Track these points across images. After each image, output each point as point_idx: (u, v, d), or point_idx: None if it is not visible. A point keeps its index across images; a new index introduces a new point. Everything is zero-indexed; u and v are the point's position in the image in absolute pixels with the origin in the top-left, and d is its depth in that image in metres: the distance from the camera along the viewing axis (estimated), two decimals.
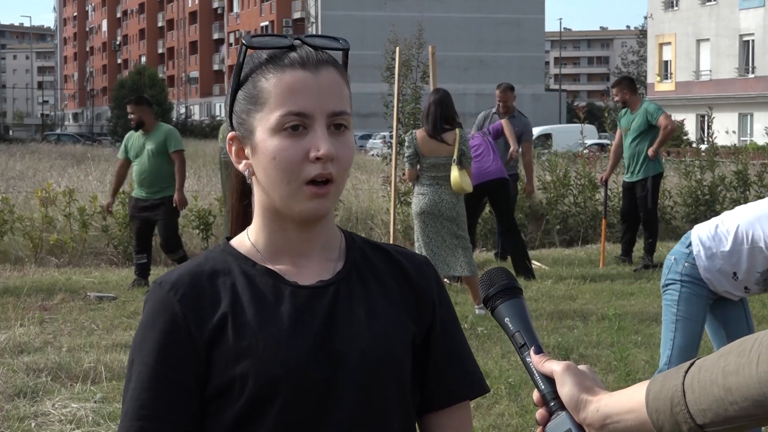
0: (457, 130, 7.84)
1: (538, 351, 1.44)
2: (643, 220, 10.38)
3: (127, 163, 9.68)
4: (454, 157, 7.73)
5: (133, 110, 9.60)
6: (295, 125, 1.46)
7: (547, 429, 1.41)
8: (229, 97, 1.54)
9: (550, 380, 1.41)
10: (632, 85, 10.27)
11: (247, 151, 1.51)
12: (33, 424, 5.17)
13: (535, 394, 1.44)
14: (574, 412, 1.38)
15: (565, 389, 1.38)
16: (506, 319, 1.47)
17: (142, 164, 9.43)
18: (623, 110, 10.25)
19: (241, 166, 1.53)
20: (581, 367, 1.42)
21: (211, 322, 1.46)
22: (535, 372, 1.43)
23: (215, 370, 1.45)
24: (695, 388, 1.27)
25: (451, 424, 1.60)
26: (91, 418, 5.21)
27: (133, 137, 9.64)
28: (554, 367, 1.41)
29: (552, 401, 1.41)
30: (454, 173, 7.72)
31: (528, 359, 1.45)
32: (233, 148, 1.53)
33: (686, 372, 1.30)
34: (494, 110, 10.77)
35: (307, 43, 1.50)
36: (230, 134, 1.53)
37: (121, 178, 9.97)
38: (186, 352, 1.45)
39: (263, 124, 1.48)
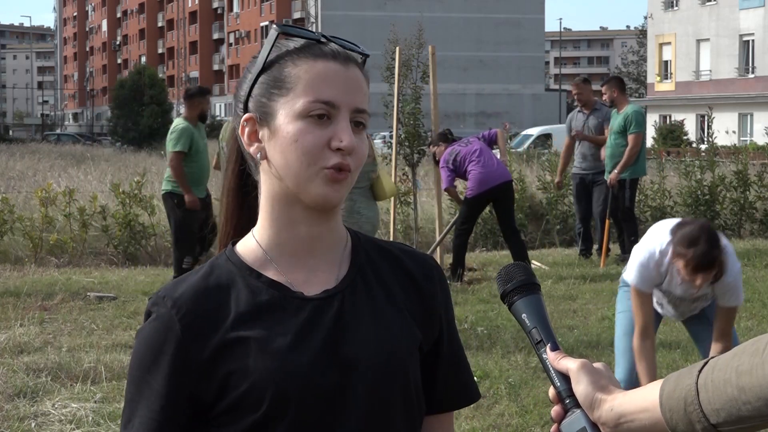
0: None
1: (555, 348, 1.44)
2: (620, 218, 10.50)
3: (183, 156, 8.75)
4: (376, 163, 7.35)
5: (207, 102, 9.10)
6: (321, 113, 1.47)
7: (562, 426, 1.41)
8: (249, 80, 1.53)
9: (565, 377, 1.42)
10: (621, 84, 10.48)
11: (262, 133, 1.51)
12: (33, 424, 5.17)
13: (551, 391, 1.44)
14: (588, 411, 1.38)
15: (580, 387, 1.39)
16: (523, 315, 1.48)
17: (204, 160, 8.94)
18: (614, 110, 10.43)
19: (252, 149, 1.52)
20: (597, 365, 1.42)
21: (213, 341, 1.46)
22: (550, 369, 1.44)
23: (222, 387, 1.45)
24: (709, 388, 1.28)
25: (443, 428, 1.63)
26: (91, 418, 5.21)
27: (193, 131, 8.85)
28: (570, 364, 1.41)
29: (567, 399, 1.41)
30: (389, 182, 7.35)
31: (544, 356, 1.45)
32: (246, 130, 1.52)
33: (700, 371, 1.30)
34: (577, 109, 10.80)
35: (332, 41, 1.52)
36: (246, 116, 1.52)
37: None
38: (187, 374, 1.45)
39: (287, 108, 1.48)
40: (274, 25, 1.52)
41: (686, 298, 4.43)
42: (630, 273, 4.34)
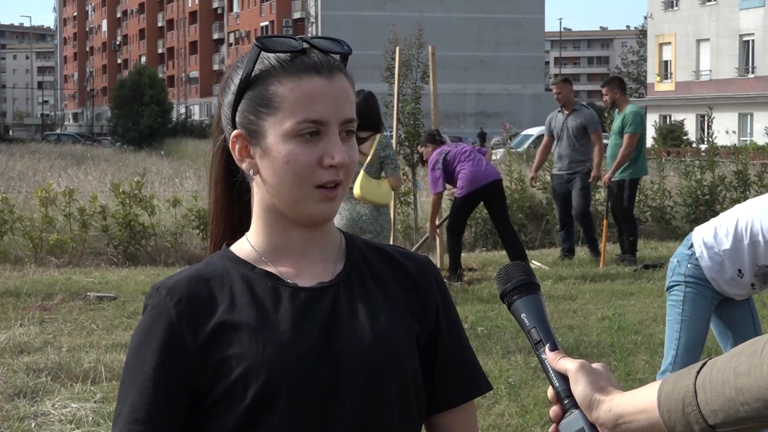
0: (377, 136, 7.08)
1: (554, 348, 1.44)
2: (620, 219, 10.54)
3: None
4: (365, 163, 6.99)
5: None
6: (310, 132, 1.47)
7: (561, 427, 1.41)
8: (232, 95, 1.53)
9: (564, 378, 1.42)
10: (622, 85, 10.51)
11: (253, 151, 1.52)
12: (33, 424, 5.17)
13: (550, 391, 1.44)
14: (587, 412, 1.38)
15: (579, 388, 1.39)
16: (522, 315, 1.48)
17: None
18: (615, 111, 10.47)
19: (244, 165, 1.54)
20: (595, 365, 1.42)
21: (207, 327, 1.47)
22: (549, 369, 1.44)
23: (215, 374, 1.45)
24: (707, 389, 1.28)
25: (460, 423, 1.62)
26: (91, 418, 5.21)
27: None
28: (568, 365, 1.41)
29: (566, 399, 1.41)
30: (358, 182, 6.93)
31: (543, 356, 1.45)
32: (237, 146, 1.54)
33: (698, 372, 1.30)
34: (557, 109, 10.80)
35: (314, 46, 1.51)
36: (235, 132, 1.53)
37: None
38: (180, 359, 1.46)
39: (277, 129, 1.48)
40: (255, 40, 1.51)
41: None
42: None
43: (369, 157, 7.03)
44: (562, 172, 10.66)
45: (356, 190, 6.93)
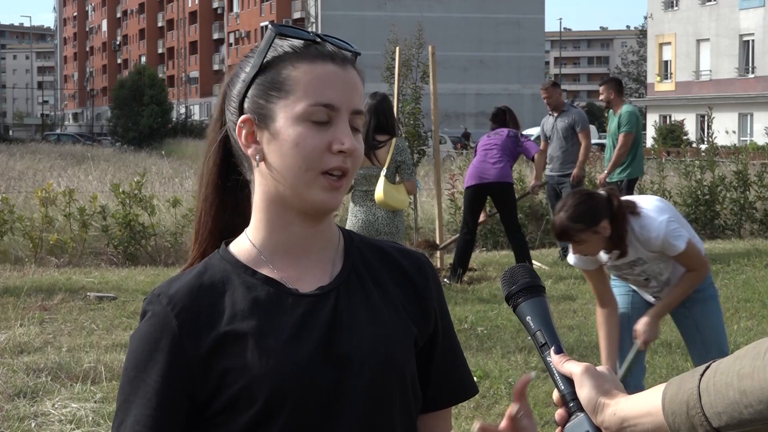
0: (394, 140, 7.05)
1: (559, 351, 1.45)
2: None
3: None
4: (384, 168, 6.98)
5: None
6: (321, 116, 1.47)
7: (566, 430, 1.42)
8: (242, 83, 1.53)
9: (569, 381, 1.42)
10: (619, 87, 10.55)
11: (260, 136, 1.51)
12: (33, 424, 5.17)
13: (555, 394, 1.44)
14: (591, 415, 1.38)
15: (584, 392, 1.39)
16: (527, 318, 1.48)
17: None
18: (611, 112, 10.54)
19: (250, 151, 1.52)
20: (600, 368, 1.42)
21: (209, 337, 1.45)
22: (555, 372, 1.44)
23: (218, 385, 1.45)
24: (711, 391, 1.28)
25: (443, 423, 1.64)
26: (91, 418, 5.21)
27: None
28: (573, 368, 1.41)
29: (571, 402, 1.41)
30: (381, 187, 6.92)
31: (548, 359, 1.45)
32: (243, 132, 1.52)
33: (702, 375, 1.30)
34: (549, 113, 10.79)
35: (327, 41, 1.52)
36: (243, 117, 1.52)
37: None
38: (183, 370, 1.45)
39: (287, 112, 1.48)
40: (270, 26, 1.51)
41: (621, 267, 4.35)
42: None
43: (387, 162, 7.01)
44: (553, 174, 10.70)
45: (378, 195, 6.93)
